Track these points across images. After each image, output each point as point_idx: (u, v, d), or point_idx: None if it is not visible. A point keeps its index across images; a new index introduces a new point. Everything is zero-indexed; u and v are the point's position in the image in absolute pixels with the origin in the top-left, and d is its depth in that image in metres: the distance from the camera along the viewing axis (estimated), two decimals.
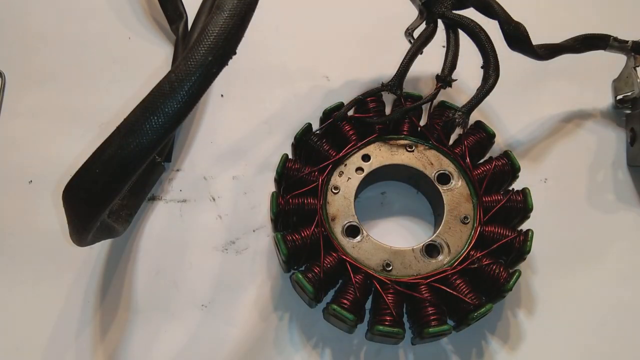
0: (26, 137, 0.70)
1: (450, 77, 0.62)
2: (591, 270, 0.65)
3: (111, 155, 0.39)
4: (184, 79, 0.39)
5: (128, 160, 0.39)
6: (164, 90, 0.39)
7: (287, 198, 0.59)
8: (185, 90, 0.39)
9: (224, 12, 0.40)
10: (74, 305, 0.61)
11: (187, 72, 0.39)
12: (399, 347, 0.60)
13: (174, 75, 0.39)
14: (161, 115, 0.38)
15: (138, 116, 0.39)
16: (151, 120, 0.38)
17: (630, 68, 0.70)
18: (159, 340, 0.60)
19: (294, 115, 0.72)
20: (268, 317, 0.61)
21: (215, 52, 0.39)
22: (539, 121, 0.74)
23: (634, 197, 0.69)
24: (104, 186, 0.39)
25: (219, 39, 0.39)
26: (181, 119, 0.39)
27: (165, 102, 0.38)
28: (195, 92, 0.39)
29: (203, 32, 0.40)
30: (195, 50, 0.39)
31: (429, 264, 0.58)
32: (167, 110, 0.38)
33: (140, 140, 0.38)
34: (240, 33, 0.41)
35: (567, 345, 0.61)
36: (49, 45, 0.77)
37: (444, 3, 0.63)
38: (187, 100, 0.39)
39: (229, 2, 0.40)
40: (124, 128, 0.39)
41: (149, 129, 0.38)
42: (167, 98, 0.38)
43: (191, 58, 0.39)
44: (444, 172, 0.63)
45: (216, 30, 0.39)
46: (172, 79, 0.39)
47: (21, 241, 0.64)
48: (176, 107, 0.38)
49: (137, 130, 0.38)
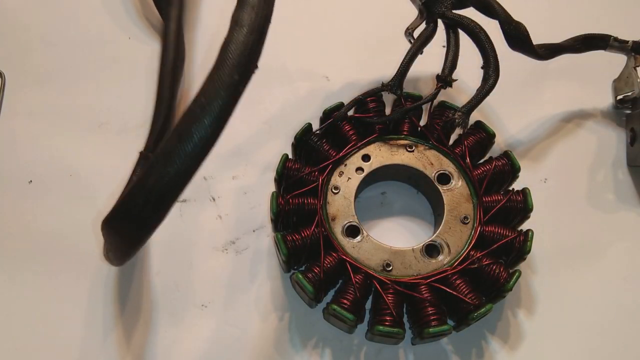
0: (26, 137, 0.70)
1: (450, 77, 0.62)
2: (591, 270, 0.65)
3: (153, 185, 0.39)
4: (214, 101, 0.39)
5: (169, 188, 0.39)
6: (195, 114, 0.39)
7: (287, 198, 0.59)
8: (216, 112, 0.39)
9: (243, 28, 0.40)
10: (74, 305, 0.61)
11: (215, 94, 0.39)
12: (399, 347, 0.60)
13: (203, 99, 0.39)
14: (196, 140, 0.39)
15: (175, 144, 0.39)
16: (187, 147, 0.39)
17: (631, 68, 0.70)
18: (158, 340, 0.59)
19: (294, 115, 0.71)
20: (268, 317, 0.61)
21: (240, 69, 0.40)
22: (539, 121, 0.74)
23: (634, 197, 0.69)
24: (149, 215, 0.40)
25: (242, 56, 0.40)
26: (215, 141, 0.40)
27: (198, 127, 0.39)
28: (225, 112, 0.39)
29: (225, 50, 0.40)
30: (220, 70, 0.39)
31: (429, 264, 0.58)
32: (201, 135, 0.39)
33: (179, 167, 0.39)
34: (260, 47, 0.41)
35: (567, 345, 0.61)
36: (49, 45, 0.77)
37: (444, 3, 0.63)
38: (219, 122, 0.39)
39: (246, 17, 0.41)
40: (162, 157, 0.40)
41: (186, 156, 0.39)
42: (200, 123, 0.39)
43: (217, 79, 0.39)
44: (444, 172, 0.63)
45: (239, 48, 0.40)
46: (202, 103, 0.39)
47: (21, 241, 0.64)
48: (209, 130, 0.39)
49: (175, 158, 0.39)
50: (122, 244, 0.45)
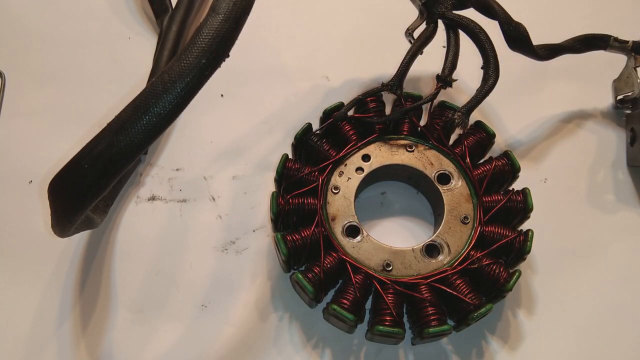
0: (26, 137, 0.70)
1: (450, 77, 0.62)
2: (591, 270, 0.65)
3: (101, 152, 0.39)
4: (177, 80, 0.39)
5: (117, 158, 0.39)
6: (156, 90, 0.39)
7: (287, 198, 0.59)
8: (177, 91, 0.39)
9: (219, 15, 0.40)
10: (74, 306, 0.61)
11: (180, 74, 0.39)
12: (399, 347, 0.60)
13: (167, 76, 0.39)
14: (153, 115, 0.39)
15: (130, 115, 0.39)
16: (142, 120, 0.38)
17: (631, 68, 0.70)
18: (158, 340, 0.60)
19: (294, 115, 0.72)
20: (268, 317, 0.61)
21: (209, 54, 0.39)
22: (539, 121, 0.74)
23: (634, 197, 0.69)
24: (93, 182, 0.40)
25: (213, 42, 0.40)
26: (172, 120, 0.39)
27: (157, 103, 0.39)
28: (187, 94, 0.39)
29: (197, 34, 0.40)
30: (189, 52, 0.39)
31: (429, 264, 0.58)
32: (158, 110, 0.39)
33: (131, 139, 0.39)
34: (234, 36, 0.41)
35: (567, 345, 0.61)
36: (49, 45, 0.77)
37: (444, 3, 0.63)
38: (179, 102, 0.39)
39: (224, 5, 0.41)
40: (115, 125, 0.39)
41: (140, 128, 0.39)
42: (159, 98, 0.39)
43: (185, 59, 0.39)
44: (444, 172, 0.63)
45: (210, 33, 0.40)
46: (165, 80, 0.39)
47: (21, 241, 0.64)
48: (168, 108, 0.39)
49: (128, 129, 0.39)
50: (63, 210, 0.44)
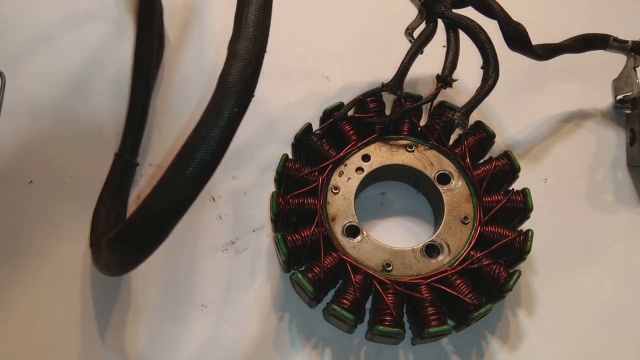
0: (26, 137, 0.70)
1: (450, 77, 0.62)
2: (591, 270, 0.65)
3: (157, 212, 0.41)
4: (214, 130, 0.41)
5: (171, 214, 0.41)
6: (197, 145, 0.41)
7: (287, 198, 0.59)
8: (216, 142, 0.41)
9: (240, 61, 0.42)
10: (75, 306, 0.61)
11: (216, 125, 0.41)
12: (399, 347, 0.60)
13: (204, 130, 0.41)
14: (198, 168, 0.41)
15: (178, 172, 0.41)
16: (189, 175, 0.41)
17: (630, 68, 0.70)
18: (158, 340, 0.59)
19: (294, 115, 0.71)
20: (268, 317, 0.61)
21: (240, 102, 0.42)
22: (539, 121, 0.74)
23: (634, 197, 0.69)
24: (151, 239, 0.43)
25: (240, 88, 0.42)
26: (215, 169, 0.42)
27: (200, 157, 0.41)
28: (225, 142, 0.42)
29: (224, 83, 0.42)
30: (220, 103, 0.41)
31: (429, 264, 0.58)
32: (202, 164, 0.41)
33: (183, 195, 0.41)
34: (257, 77, 0.43)
35: (567, 345, 0.61)
36: (49, 45, 0.77)
37: (444, 2, 0.63)
38: (219, 152, 0.41)
39: (243, 49, 0.42)
40: (166, 184, 0.41)
41: (188, 184, 0.41)
42: (201, 152, 0.41)
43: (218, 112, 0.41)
44: (444, 172, 0.63)
45: (236, 80, 0.42)
46: (203, 135, 0.41)
47: (21, 242, 0.64)
48: (210, 160, 0.41)
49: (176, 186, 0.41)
50: (122, 262, 0.47)
